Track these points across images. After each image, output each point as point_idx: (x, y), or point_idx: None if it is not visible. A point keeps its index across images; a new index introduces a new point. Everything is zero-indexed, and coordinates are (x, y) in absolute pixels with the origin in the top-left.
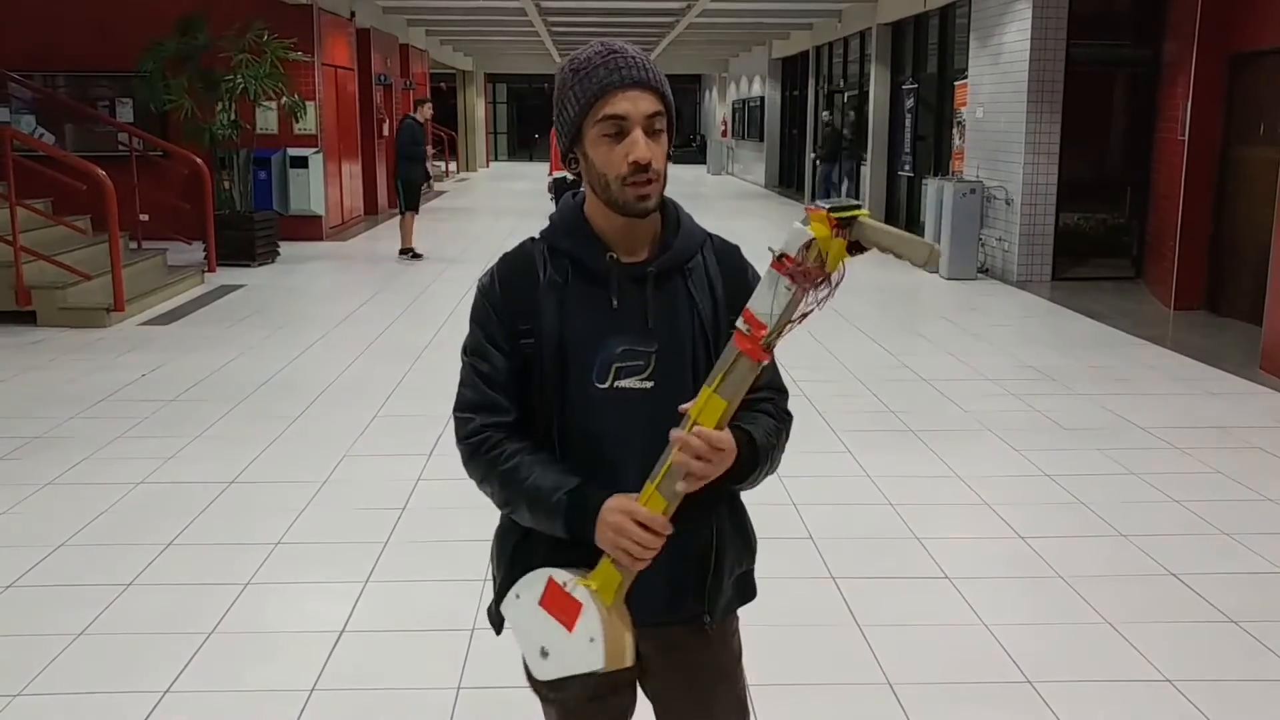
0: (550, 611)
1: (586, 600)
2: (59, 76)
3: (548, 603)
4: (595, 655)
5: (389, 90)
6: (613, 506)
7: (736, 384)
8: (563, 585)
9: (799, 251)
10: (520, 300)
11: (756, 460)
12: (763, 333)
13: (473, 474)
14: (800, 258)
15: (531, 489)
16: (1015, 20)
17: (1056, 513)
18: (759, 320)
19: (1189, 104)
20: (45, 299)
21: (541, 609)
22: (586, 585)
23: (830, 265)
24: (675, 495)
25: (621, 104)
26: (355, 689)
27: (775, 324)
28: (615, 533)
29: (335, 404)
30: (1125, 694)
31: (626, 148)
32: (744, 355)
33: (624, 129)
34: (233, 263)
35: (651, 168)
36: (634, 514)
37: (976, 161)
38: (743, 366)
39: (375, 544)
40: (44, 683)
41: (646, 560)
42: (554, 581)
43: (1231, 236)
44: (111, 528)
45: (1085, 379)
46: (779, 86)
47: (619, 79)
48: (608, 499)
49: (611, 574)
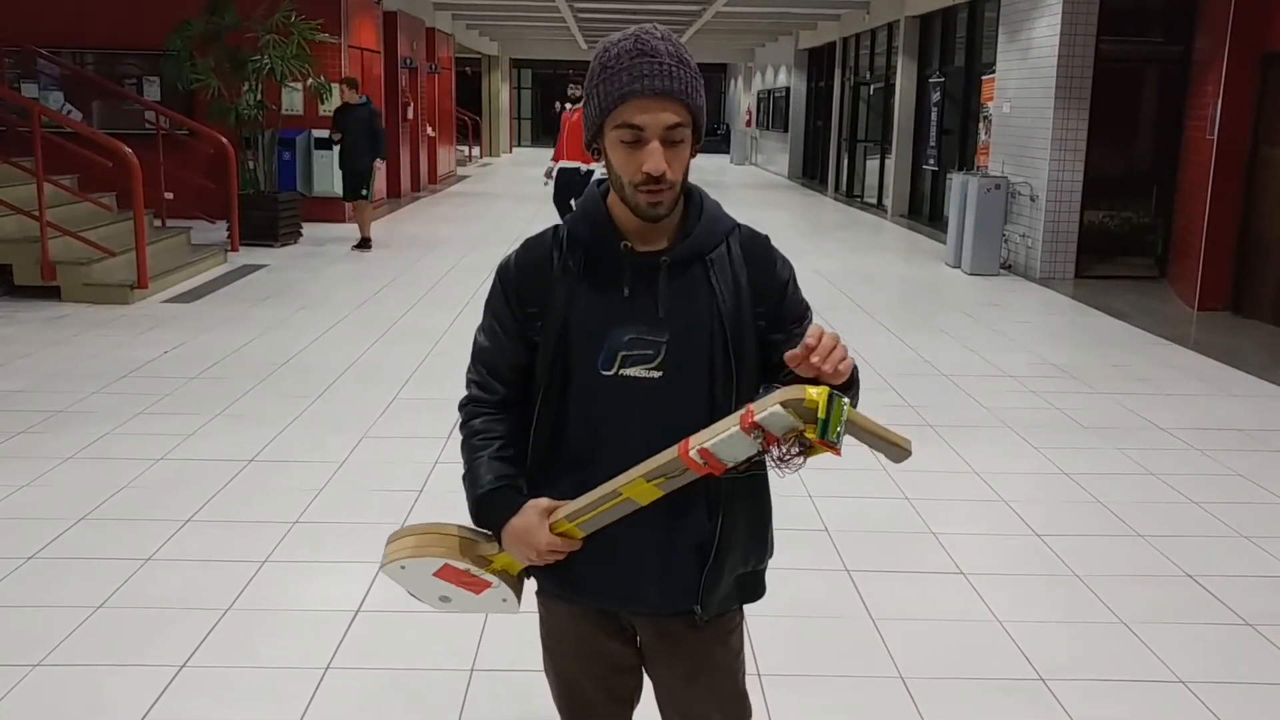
0: (451, 581)
1: (495, 579)
2: (87, 54)
3: (445, 576)
4: (510, 608)
5: (414, 73)
6: (519, 525)
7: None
8: (462, 570)
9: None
10: (533, 284)
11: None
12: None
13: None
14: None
15: (471, 469)
16: (1045, 15)
17: (1074, 511)
18: (716, 460)
19: (1219, 102)
20: (70, 275)
21: (436, 579)
22: (492, 572)
23: (809, 455)
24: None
25: (640, 115)
26: (369, 668)
27: (728, 466)
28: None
29: (355, 385)
30: (1138, 694)
31: (642, 157)
32: (689, 470)
33: (642, 139)
34: (255, 243)
35: (665, 179)
36: (536, 538)
37: (1002, 157)
38: (684, 472)
39: (392, 525)
40: (62, 654)
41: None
42: (449, 566)
43: (1258, 238)
44: (131, 503)
45: (1106, 377)
46: (805, 77)
47: (640, 88)
48: (517, 514)
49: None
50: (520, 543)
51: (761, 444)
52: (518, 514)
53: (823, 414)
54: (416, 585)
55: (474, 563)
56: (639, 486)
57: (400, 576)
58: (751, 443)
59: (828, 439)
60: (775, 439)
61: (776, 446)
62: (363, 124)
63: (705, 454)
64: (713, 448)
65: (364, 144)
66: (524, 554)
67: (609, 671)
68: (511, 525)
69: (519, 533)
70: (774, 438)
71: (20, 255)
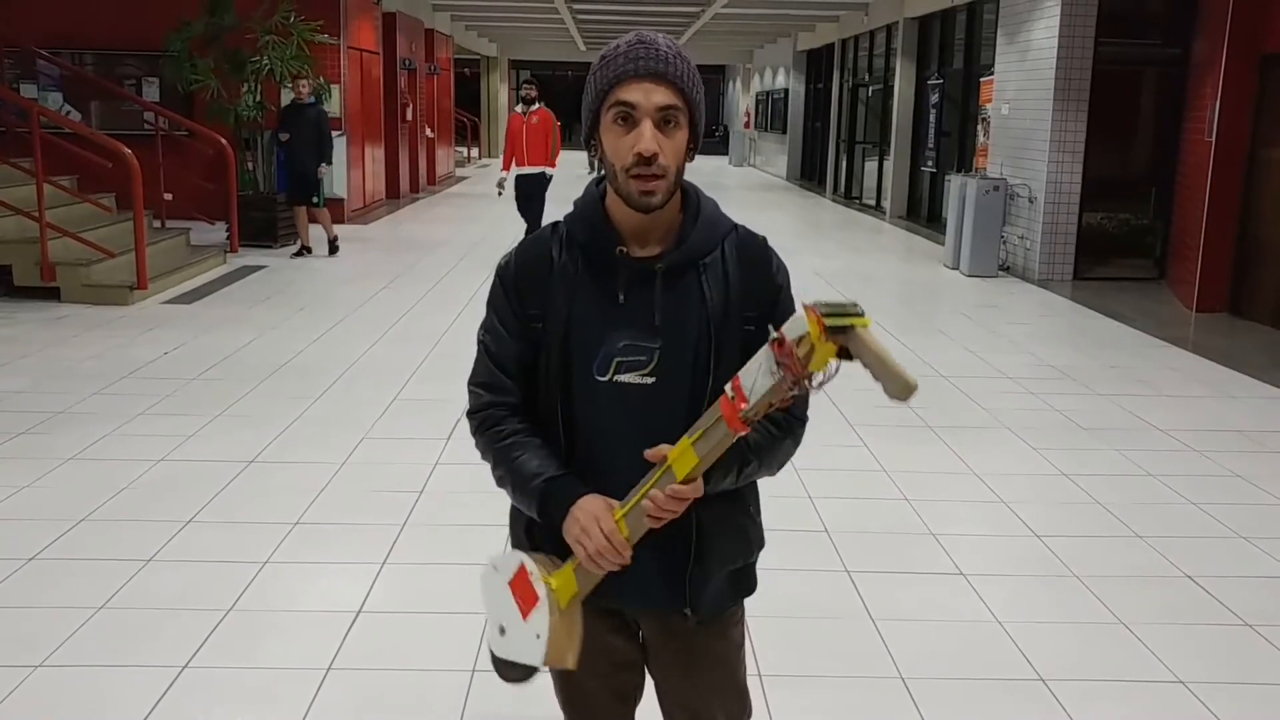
0: (515, 594)
1: (543, 597)
2: (86, 54)
3: (515, 585)
4: (537, 651)
5: (413, 75)
6: (586, 507)
7: (712, 444)
8: (530, 574)
9: (794, 341)
10: (533, 285)
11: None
12: (743, 406)
13: (477, 447)
14: (792, 348)
15: (517, 469)
16: (1044, 17)
17: (1073, 512)
18: (744, 393)
19: (1217, 104)
20: (69, 275)
21: (509, 589)
22: (547, 582)
23: (814, 366)
24: (639, 527)
25: (633, 92)
26: (371, 669)
27: (755, 402)
28: (581, 531)
29: (355, 386)
30: (1138, 694)
31: (633, 139)
32: (723, 420)
33: (633, 118)
34: (255, 244)
35: (657, 161)
36: (602, 523)
37: (1000, 158)
38: (720, 429)
39: (393, 526)
40: (64, 655)
41: (603, 569)
42: (524, 567)
43: (1257, 239)
44: (132, 504)
45: (1105, 379)
46: (803, 79)
47: (635, 68)
48: (584, 496)
49: (571, 580)
50: (583, 530)
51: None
52: (586, 497)
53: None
54: (493, 595)
55: (541, 566)
56: (683, 447)
57: (487, 581)
58: (774, 365)
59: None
60: (794, 357)
61: (794, 362)
62: (311, 124)
63: (736, 386)
64: (742, 374)
65: (311, 146)
66: (584, 541)
67: (611, 668)
68: (581, 505)
69: (587, 514)
70: (794, 355)
71: (20, 256)
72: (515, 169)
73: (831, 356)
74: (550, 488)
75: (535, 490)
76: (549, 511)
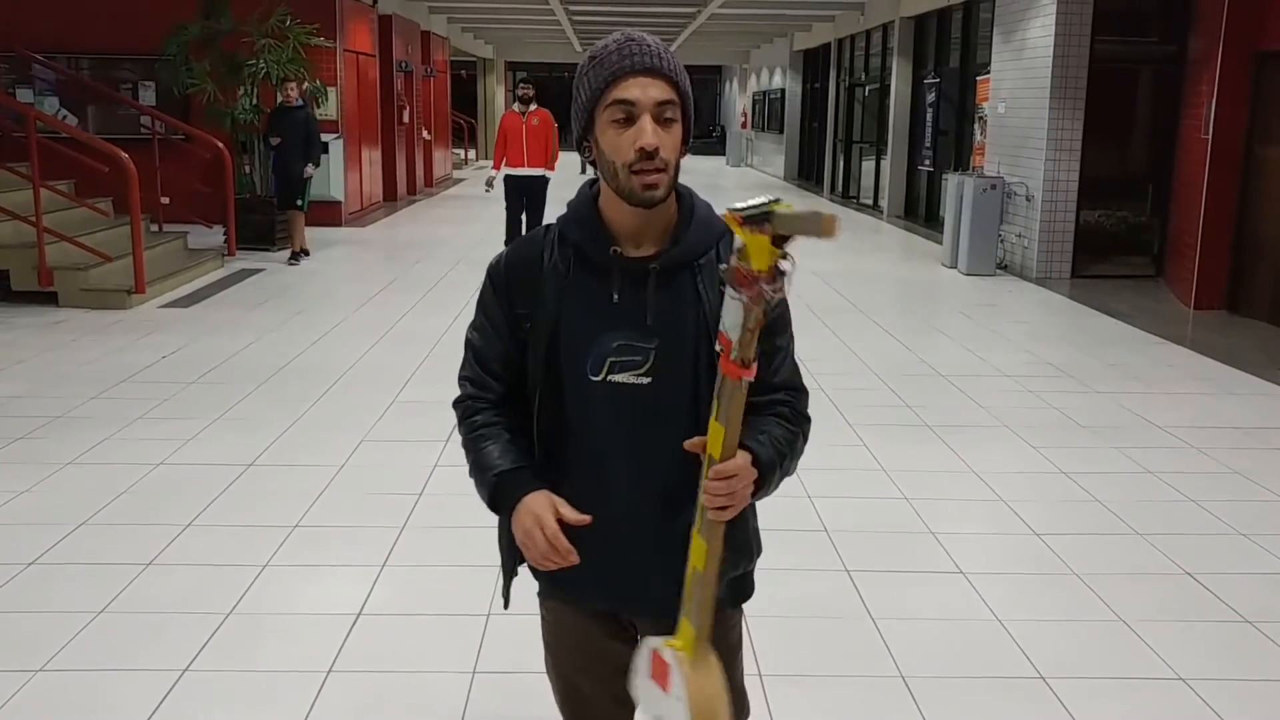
0: (655, 680)
1: (672, 661)
2: (83, 59)
3: (654, 673)
4: (681, 710)
5: (409, 77)
6: (530, 506)
7: (727, 407)
8: (658, 651)
9: (736, 258)
10: (522, 284)
11: (763, 481)
12: (731, 348)
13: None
14: (738, 266)
15: (479, 459)
16: (1039, 15)
17: (1073, 510)
18: (726, 337)
19: (1213, 102)
20: (67, 280)
21: (651, 681)
22: (671, 646)
23: (757, 263)
24: (715, 533)
25: (631, 89)
26: (371, 671)
27: (738, 338)
28: (524, 535)
29: (353, 389)
30: (1138, 692)
31: (634, 135)
32: (726, 377)
33: (632, 115)
34: (252, 247)
35: (659, 156)
36: (544, 525)
37: (997, 157)
38: (729, 387)
39: (392, 528)
40: (64, 659)
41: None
42: (654, 652)
43: (1254, 236)
44: (131, 507)
45: (1103, 377)
46: (800, 79)
47: (630, 65)
48: (530, 494)
49: (687, 629)
50: (526, 534)
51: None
52: (532, 494)
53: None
54: (648, 696)
55: (663, 637)
56: (710, 428)
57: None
58: (735, 291)
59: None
60: (743, 271)
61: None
62: (299, 127)
63: (722, 340)
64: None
65: (299, 149)
66: (528, 545)
67: (611, 673)
68: (525, 503)
69: (530, 515)
70: (741, 270)
71: (17, 260)
72: (507, 169)
73: (768, 248)
74: (501, 480)
75: (489, 482)
76: (499, 505)
